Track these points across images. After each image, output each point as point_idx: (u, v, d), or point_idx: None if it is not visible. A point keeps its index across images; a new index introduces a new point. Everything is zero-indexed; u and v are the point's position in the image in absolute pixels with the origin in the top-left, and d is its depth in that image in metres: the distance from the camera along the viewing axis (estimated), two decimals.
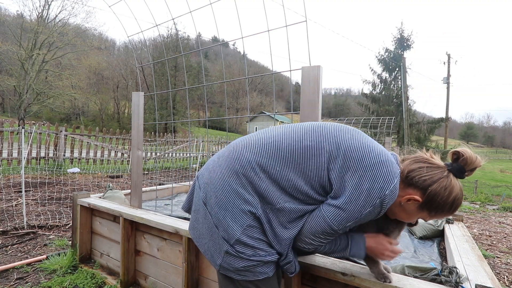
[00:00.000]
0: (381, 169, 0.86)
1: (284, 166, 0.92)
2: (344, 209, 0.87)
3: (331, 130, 0.95)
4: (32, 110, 23.81)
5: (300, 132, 0.96)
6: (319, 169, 0.90)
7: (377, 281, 1.14)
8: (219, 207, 0.95)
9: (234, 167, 0.96)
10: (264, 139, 0.98)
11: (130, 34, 2.35)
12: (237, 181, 0.94)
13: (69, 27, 24.49)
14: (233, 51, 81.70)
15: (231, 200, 0.94)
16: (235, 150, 1.00)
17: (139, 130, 2.29)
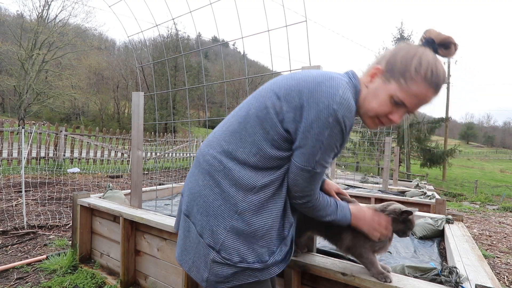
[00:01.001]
0: (319, 90, 0.82)
1: (246, 140, 0.89)
2: (303, 145, 0.84)
3: (267, 92, 0.91)
4: (32, 110, 23.80)
5: (248, 104, 0.95)
6: (275, 127, 0.86)
7: (377, 281, 1.14)
8: (201, 214, 0.92)
9: (204, 168, 0.94)
10: (222, 126, 0.98)
11: (130, 34, 2.35)
12: (211, 181, 0.91)
13: (69, 27, 24.48)
14: (233, 51, 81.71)
15: (210, 202, 0.90)
16: (200, 151, 0.99)
17: (139, 130, 2.29)
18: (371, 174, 8.17)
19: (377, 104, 0.88)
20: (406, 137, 16.74)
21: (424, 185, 5.44)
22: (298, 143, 0.85)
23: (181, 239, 1.00)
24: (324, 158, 0.85)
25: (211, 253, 0.88)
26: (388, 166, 5.04)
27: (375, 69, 0.88)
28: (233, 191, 0.88)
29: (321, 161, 0.85)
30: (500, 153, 60.72)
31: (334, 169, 6.59)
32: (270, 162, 0.88)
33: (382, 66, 0.87)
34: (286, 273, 1.38)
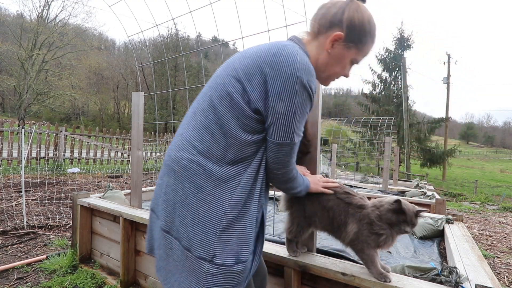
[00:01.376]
0: (278, 61, 0.80)
1: (217, 133, 0.86)
2: (276, 120, 0.82)
3: (224, 79, 0.88)
4: (32, 110, 23.79)
5: (208, 97, 0.90)
6: (243, 111, 0.83)
7: (377, 281, 1.14)
8: (186, 225, 0.84)
9: (181, 174, 0.87)
10: (187, 125, 0.93)
11: (130, 34, 2.35)
12: (192, 187, 0.85)
13: (69, 27, 24.47)
14: (233, 51, 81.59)
15: (195, 210, 0.84)
16: (171, 157, 0.92)
17: (139, 130, 2.29)
18: (371, 174, 8.17)
19: (341, 68, 0.95)
20: (406, 137, 16.74)
21: (424, 185, 5.44)
22: (270, 119, 0.83)
23: (163, 260, 0.91)
24: (299, 127, 0.85)
25: (203, 266, 0.82)
26: (388, 166, 5.04)
27: (336, 36, 0.89)
28: (218, 192, 0.84)
29: (297, 131, 0.85)
30: (500, 153, 60.72)
31: (334, 169, 6.59)
32: (247, 149, 0.86)
33: (343, 32, 0.89)
34: (286, 273, 1.38)
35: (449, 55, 19.70)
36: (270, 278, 1.51)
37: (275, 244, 1.55)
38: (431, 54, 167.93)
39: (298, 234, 1.29)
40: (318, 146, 1.43)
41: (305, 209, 1.23)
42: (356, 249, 1.16)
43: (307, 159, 1.45)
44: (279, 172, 0.90)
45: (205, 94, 0.92)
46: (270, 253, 1.43)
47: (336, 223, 1.17)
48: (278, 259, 1.40)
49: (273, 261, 1.42)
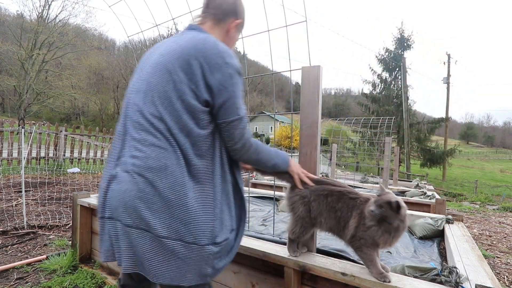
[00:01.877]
0: (209, 55, 0.93)
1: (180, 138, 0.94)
2: (222, 102, 0.94)
3: (165, 85, 0.94)
4: (32, 110, 23.80)
5: (151, 108, 0.95)
6: (197, 108, 0.92)
7: (377, 281, 1.14)
8: (164, 217, 0.88)
9: (125, 168, 0.91)
10: (133, 143, 0.96)
11: (130, 34, 2.35)
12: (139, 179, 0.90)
13: (69, 27, 24.47)
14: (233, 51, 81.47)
15: (170, 198, 0.89)
16: (128, 171, 0.93)
17: None
18: (371, 174, 8.17)
19: (232, 45, 1.18)
20: (406, 137, 16.74)
21: (424, 185, 5.44)
22: (218, 103, 0.94)
23: (150, 259, 0.88)
24: (241, 102, 0.99)
25: (210, 250, 0.91)
26: (388, 166, 5.04)
27: (237, 23, 1.12)
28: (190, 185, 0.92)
29: (241, 105, 0.99)
30: (500, 153, 60.71)
31: (334, 169, 6.59)
32: (205, 142, 0.95)
33: (239, 21, 1.12)
34: (286, 273, 1.38)
35: (449, 55, 19.70)
36: (270, 278, 1.51)
37: (275, 244, 1.55)
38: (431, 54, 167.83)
39: (301, 235, 1.30)
40: (318, 146, 1.43)
41: (311, 210, 1.24)
42: (355, 247, 1.17)
43: (306, 160, 1.45)
44: (239, 145, 1.00)
45: (143, 106, 0.94)
46: (270, 253, 1.43)
47: (343, 221, 1.19)
48: (278, 259, 1.40)
49: (273, 261, 1.42)
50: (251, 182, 5.12)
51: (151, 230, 0.86)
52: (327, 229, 1.25)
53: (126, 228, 0.88)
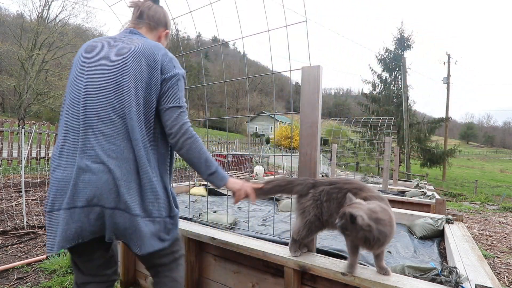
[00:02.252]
0: (158, 56, 1.11)
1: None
2: (168, 95, 1.12)
3: (128, 93, 1.07)
4: (32, 110, 23.77)
5: (120, 111, 1.08)
6: (151, 96, 1.10)
7: (377, 281, 1.14)
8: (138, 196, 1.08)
9: (81, 160, 1.04)
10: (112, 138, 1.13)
11: None
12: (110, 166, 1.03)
13: (69, 27, 24.44)
14: (233, 51, 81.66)
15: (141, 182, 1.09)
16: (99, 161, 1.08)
17: None
18: (371, 174, 8.17)
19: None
20: (406, 137, 16.74)
21: (424, 185, 5.43)
22: (163, 94, 1.12)
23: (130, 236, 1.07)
24: (182, 95, 1.17)
25: (166, 221, 1.15)
26: (388, 166, 5.04)
27: (167, 33, 1.34)
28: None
29: (182, 97, 1.16)
30: (500, 153, 60.70)
31: (334, 169, 6.59)
32: (163, 135, 1.16)
33: (168, 31, 1.34)
34: (286, 273, 1.38)
35: (449, 55, 19.69)
36: (270, 278, 1.51)
37: (275, 244, 1.55)
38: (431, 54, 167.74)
39: (307, 237, 1.31)
40: (318, 146, 1.43)
41: (322, 212, 1.25)
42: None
43: (306, 160, 1.45)
44: (181, 131, 1.12)
45: (109, 103, 1.07)
46: (270, 253, 1.43)
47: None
48: (278, 259, 1.40)
49: (273, 261, 1.42)
50: (251, 182, 5.12)
51: (128, 211, 1.04)
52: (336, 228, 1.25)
53: (108, 210, 1.03)
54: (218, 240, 1.63)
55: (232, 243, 1.57)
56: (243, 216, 2.56)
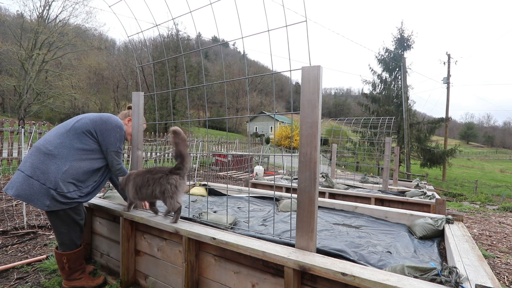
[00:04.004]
0: (109, 120, 2.06)
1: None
2: (107, 142, 2.03)
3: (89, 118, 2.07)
4: (32, 110, 23.77)
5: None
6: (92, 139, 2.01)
7: (377, 281, 1.14)
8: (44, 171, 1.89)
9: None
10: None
11: (130, 34, 2.35)
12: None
13: (70, 27, 24.42)
14: (233, 51, 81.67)
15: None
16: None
17: (139, 130, 2.29)
18: (371, 174, 8.17)
19: (131, 130, 2.31)
20: (406, 137, 16.73)
21: (424, 185, 5.43)
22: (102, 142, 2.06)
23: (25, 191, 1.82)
24: (120, 144, 2.10)
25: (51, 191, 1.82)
26: (388, 166, 5.04)
27: (129, 119, 2.32)
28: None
29: (119, 145, 2.09)
30: (500, 153, 60.68)
31: (334, 169, 6.58)
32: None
33: (130, 118, 2.31)
34: (286, 273, 1.38)
35: (449, 55, 19.68)
36: (270, 278, 1.51)
37: (275, 244, 1.55)
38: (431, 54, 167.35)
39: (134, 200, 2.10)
40: (318, 146, 1.43)
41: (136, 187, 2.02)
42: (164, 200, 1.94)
43: (306, 160, 1.45)
44: (117, 167, 2.11)
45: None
46: (270, 253, 1.43)
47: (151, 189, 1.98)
48: (278, 259, 1.40)
49: (273, 261, 1.42)
50: (251, 182, 5.12)
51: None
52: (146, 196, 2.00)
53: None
54: (218, 240, 1.63)
55: (232, 243, 1.57)
56: (243, 216, 2.56)
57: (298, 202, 1.48)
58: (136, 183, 1.97)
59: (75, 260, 2.01)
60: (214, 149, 14.37)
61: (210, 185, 3.72)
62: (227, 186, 3.13)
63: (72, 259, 1.99)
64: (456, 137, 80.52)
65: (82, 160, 1.92)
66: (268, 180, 5.28)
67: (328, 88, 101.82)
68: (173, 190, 1.85)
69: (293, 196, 2.90)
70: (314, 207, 1.44)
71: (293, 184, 4.75)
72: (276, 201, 3.08)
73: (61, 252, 1.98)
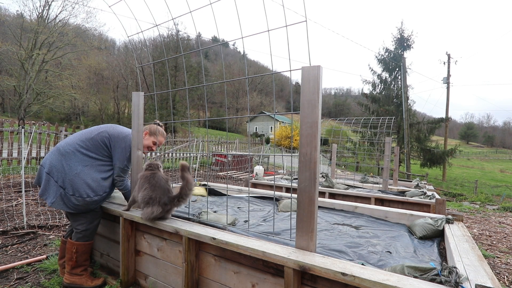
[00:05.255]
0: (126, 139, 2.20)
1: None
2: (118, 158, 2.17)
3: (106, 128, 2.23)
4: (32, 110, 23.77)
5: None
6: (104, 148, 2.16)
7: (377, 281, 1.14)
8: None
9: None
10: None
11: (130, 34, 2.35)
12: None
13: (69, 27, 24.42)
14: (233, 51, 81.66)
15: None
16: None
17: (139, 130, 2.28)
18: (371, 174, 8.17)
19: (148, 143, 2.34)
20: (406, 137, 16.74)
21: (424, 185, 5.43)
22: (115, 158, 2.19)
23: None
24: (128, 163, 2.21)
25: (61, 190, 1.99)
26: (388, 166, 5.03)
27: (145, 133, 2.34)
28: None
29: (127, 164, 2.21)
30: (500, 153, 60.67)
31: (334, 169, 6.58)
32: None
33: (147, 131, 2.35)
34: (286, 273, 1.38)
35: (449, 55, 19.68)
36: (270, 278, 1.51)
37: (275, 244, 1.55)
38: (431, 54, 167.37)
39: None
40: (318, 146, 1.43)
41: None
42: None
43: (306, 160, 1.45)
44: (118, 179, 2.21)
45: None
46: (270, 253, 1.43)
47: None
48: (278, 259, 1.40)
49: (273, 261, 1.42)
50: (251, 182, 5.12)
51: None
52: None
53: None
54: (218, 240, 1.63)
55: (232, 243, 1.57)
56: (243, 216, 2.56)
57: (298, 202, 1.48)
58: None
59: (83, 254, 2.10)
60: (214, 149, 14.37)
61: (210, 185, 3.72)
62: (227, 186, 3.13)
63: (81, 251, 2.08)
64: (456, 137, 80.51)
65: (93, 166, 2.06)
66: (268, 180, 5.28)
67: (328, 88, 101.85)
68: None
69: (293, 196, 2.90)
70: (314, 207, 1.44)
71: (293, 184, 4.75)
72: (276, 201, 3.08)
73: (73, 241, 2.08)
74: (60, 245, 2.27)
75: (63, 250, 2.24)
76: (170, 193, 1.95)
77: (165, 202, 1.90)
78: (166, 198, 1.91)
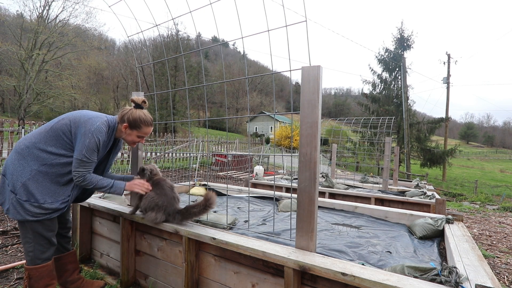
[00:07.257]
0: (87, 122, 1.66)
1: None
2: (76, 147, 1.65)
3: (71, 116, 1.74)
4: (32, 110, 23.78)
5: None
6: (67, 139, 1.67)
7: (377, 281, 1.14)
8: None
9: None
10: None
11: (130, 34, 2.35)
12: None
13: (69, 27, 24.44)
14: (233, 51, 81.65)
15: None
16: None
17: None
18: (371, 174, 8.17)
19: (131, 139, 1.84)
20: (406, 137, 16.74)
21: (424, 185, 5.43)
22: (76, 147, 1.66)
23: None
24: (90, 154, 1.65)
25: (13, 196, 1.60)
26: (388, 166, 5.04)
27: (124, 126, 1.79)
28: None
29: (88, 155, 1.64)
30: (500, 153, 60.66)
31: (334, 169, 6.58)
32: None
33: (127, 124, 1.78)
34: (286, 273, 1.38)
35: (449, 55, 19.68)
36: (270, 278, 1.51)
37: (275, 244, 1.55)
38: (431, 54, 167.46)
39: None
40: (318, 146, 1.43)
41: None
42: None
43: (306, 160, 1.45)
44: (77, 176, 1.67)
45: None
46: (270, 253, 1.43)
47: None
48: (278, 259, 1.40)
49: (273, 261, 1.42)
50: (251, 182, 5.12)
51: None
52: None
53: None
54: (218, 240, 1.63)
55: (232, 243, 1.57)
56: (243, 216, 2.56)
57: (298, 202, 1.48)
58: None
59: (38, 279, 1.67)
60: (214, 149, 14.37)
61: (210, 185, 3.72)
62: (227, 186, 3.13)
63: (34, 277, 1.67)
64: (456, 137, 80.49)
65: (53, 165, 1.63)
66: (268, 180, 5.28)
67: (328, 88, 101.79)
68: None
69: (293, 196, 2.90)
70: (314, 207, 1.44)
71: (293, 184, 4.75)
72: (276, 201, 3.08)
73: (26, 265, 1.70)
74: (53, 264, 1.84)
75: (57, 268, 1.94)
76: (176, 202, 1.91)
77: (169, 213, 1.87)
78: (173, 208, 1.88)
